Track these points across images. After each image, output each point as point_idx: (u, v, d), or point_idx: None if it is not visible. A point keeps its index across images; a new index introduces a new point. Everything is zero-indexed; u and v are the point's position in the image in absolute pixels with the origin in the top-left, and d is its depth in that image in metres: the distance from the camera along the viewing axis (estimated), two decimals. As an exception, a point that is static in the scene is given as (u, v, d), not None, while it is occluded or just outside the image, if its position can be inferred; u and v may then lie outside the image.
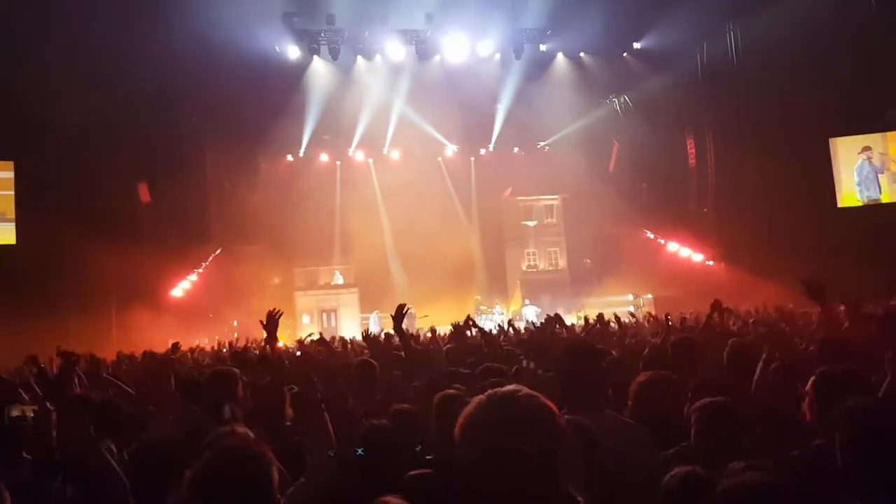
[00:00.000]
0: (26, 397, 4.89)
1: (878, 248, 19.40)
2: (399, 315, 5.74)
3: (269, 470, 2.13)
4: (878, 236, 20.26)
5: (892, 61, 19.52)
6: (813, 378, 3.06)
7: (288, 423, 4.02)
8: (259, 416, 4.16)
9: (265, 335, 4.74)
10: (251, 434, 2.48)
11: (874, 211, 22.76)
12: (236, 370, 4.98)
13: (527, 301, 25.95)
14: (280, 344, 6.60)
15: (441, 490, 2.54)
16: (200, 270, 23.80)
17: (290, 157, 27.00)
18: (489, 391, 1.82)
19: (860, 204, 22.71)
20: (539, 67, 25.28)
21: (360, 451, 3.09)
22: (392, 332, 7.23)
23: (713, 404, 3.29)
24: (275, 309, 4.71)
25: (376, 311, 24.43)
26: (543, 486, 1.71)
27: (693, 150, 25.68)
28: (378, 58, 24.45)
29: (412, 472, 3.01)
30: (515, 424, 1.71)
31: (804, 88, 20.79)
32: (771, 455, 3.11)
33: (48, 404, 3.24)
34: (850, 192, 23.02)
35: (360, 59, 24.45)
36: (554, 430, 1.74)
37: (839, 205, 22.85)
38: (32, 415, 3.48)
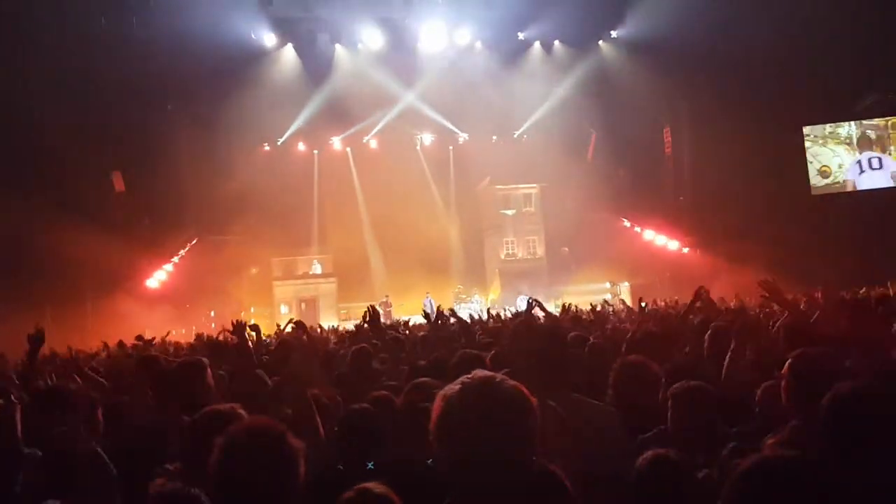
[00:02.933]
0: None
1: (851, 235, 19.74)
2: (374, 316, 6.21)
3: (295, 450, 2.08)
4: (850, 223, 20.62)
5: (866, 49, 19.79)
6: (789, 361, 3.09)
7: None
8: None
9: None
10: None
11: (847, 199, 23.14)
12: (204, 360, 4.94)
13: (518, 292, 25.79)
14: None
15: (419, 476, 2.54)
16: (176, 260, 23.56)
17: (266, 147, 26.74)
18: (463, 378, 1.79)
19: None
20: (517, 56, 25.24)
21: (370, 464, 3.01)
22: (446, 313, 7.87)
23: (690, 388, 3.33)
24: (236, 321, 5.18)
25: (428, 294, 23.77)
26: (521, 467, 1.72)
27: (669, 139, 25.84)
28: (356, 45, 24.23)
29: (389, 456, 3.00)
30: (493, 410, 1.70)
31: (779, 77, 21.03)
32: (746, 438, 3.16)
33: (12, 395, 3.17)
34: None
35: (337, 46, 24.25)
36: (530, 413, 1.74)
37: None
38: None
